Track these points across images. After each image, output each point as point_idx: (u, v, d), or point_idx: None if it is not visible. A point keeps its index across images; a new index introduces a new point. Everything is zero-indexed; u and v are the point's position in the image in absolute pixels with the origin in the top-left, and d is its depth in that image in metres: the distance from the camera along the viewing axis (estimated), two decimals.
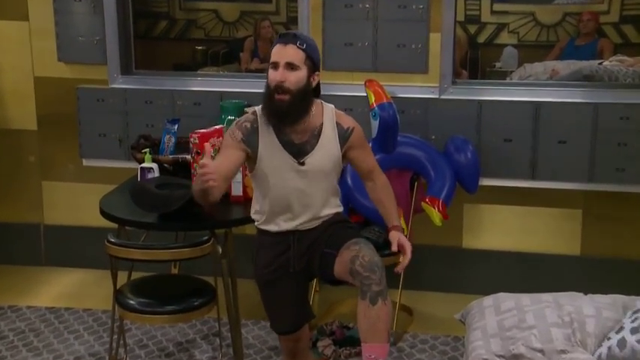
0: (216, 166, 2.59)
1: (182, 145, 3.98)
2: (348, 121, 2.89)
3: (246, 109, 4.13)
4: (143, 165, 3.75)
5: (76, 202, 4.77)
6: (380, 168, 3.01)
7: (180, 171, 3.77)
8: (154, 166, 3.74)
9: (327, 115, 2.85)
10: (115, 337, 3.56)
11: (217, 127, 3.68)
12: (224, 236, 3.46)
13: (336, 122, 2.86)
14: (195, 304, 3.31)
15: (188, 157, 3.69)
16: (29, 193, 4.84)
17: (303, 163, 2.81)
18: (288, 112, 2.73)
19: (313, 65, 2.76)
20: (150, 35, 5.48)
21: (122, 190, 3.76)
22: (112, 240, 3.20)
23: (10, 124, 4.77)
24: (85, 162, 4.66)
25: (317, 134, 2.82)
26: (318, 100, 2.86)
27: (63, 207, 4.82)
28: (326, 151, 2.83)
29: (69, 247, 4.82)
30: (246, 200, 3.56)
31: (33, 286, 4.62)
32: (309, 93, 2.77)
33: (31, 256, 4.87)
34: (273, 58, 2.74)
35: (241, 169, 3.53)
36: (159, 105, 4.44)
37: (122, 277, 3.48)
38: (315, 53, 2.78)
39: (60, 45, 4.53)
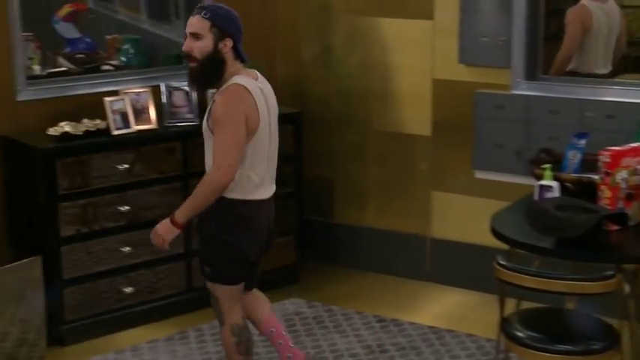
0: None
1: (589, 163, 3.91)
2: (223, 92, 3.28)
3: None
4: (542, 182, 3.79)
5: (465, 217, 4.95)
6: (220, 162, 3.22)
7: (584, 192, 3.73)
8: (555, 184, 3.75)
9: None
10: None
11: (634, 144, 3.58)
12: (633, 273, 3.37)
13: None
14: (595, 347, 3.27)
15: (595, 177, 3.65)
16: (418, 202, 5.14)
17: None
18: (197, 77, 3.35)
19: (221, 32, 3.29)
20: (560, 36, 5.45)
21: (516, 208, 3.83)
22: (503, 263, 3.29)
23: (404, 128, 5.13)
24: (478, 174, 4.83)
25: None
26: (242, 69, 3.35)
27: (452, 221, 5.03)
28: (206, 117, 3.33)
29: (454, 265, 5.03)
30: None
31: (415, 301, 4.94)
32: (219, 60, 3.29)
33: (415, 270, 5.18)
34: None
35: None
36: (565, 116, 4.45)
37: (509, 305, 3.57)
38: (222, 20, 3.30)
39: (462, 46, 4.75)
